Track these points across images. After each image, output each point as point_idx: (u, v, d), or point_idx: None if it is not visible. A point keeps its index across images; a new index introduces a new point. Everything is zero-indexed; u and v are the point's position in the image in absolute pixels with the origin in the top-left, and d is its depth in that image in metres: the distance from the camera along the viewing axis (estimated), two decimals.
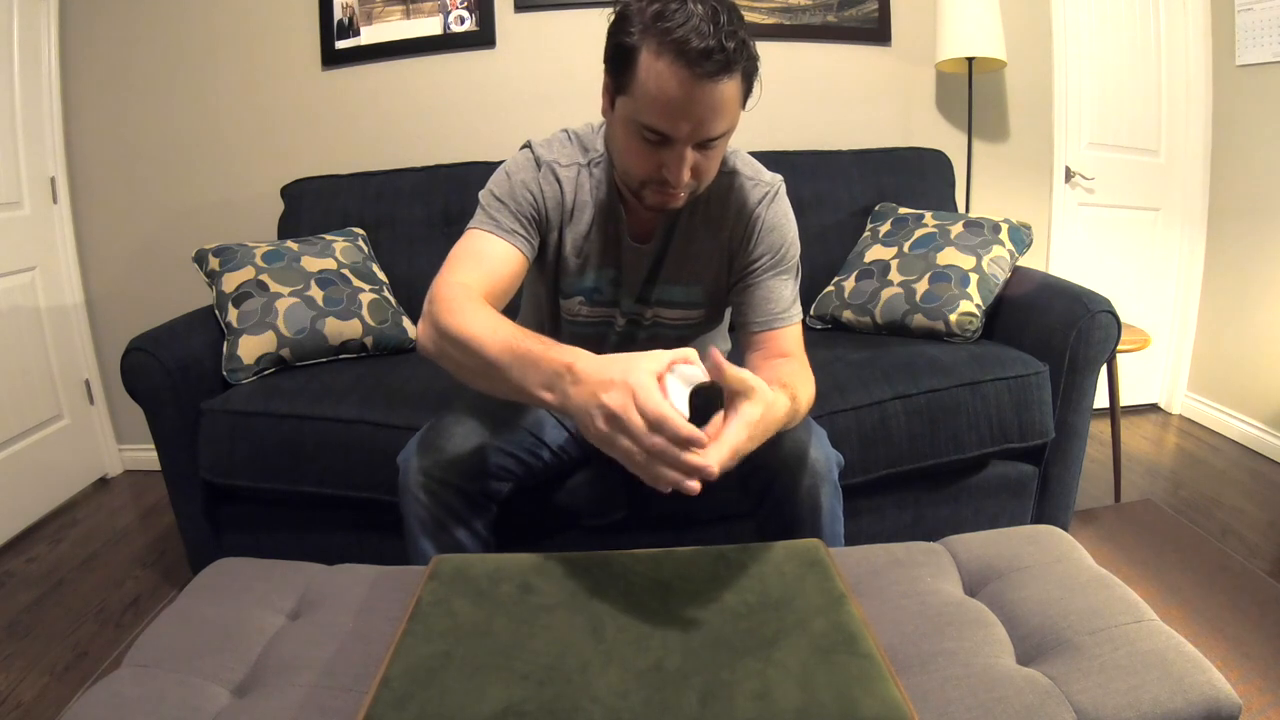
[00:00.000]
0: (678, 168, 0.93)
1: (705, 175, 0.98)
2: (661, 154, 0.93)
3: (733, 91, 0.89)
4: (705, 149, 0.94)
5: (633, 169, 0.97)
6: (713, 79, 0.86)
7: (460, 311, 0.89)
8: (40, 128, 2.16)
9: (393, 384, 1.54)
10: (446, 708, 0.66)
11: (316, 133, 2.28)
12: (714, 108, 0.88)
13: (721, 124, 0.91)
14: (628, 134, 0.94)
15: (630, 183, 1.00)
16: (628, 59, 0.89)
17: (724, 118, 0.91)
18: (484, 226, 1.04)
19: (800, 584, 0.83)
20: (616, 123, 0.96)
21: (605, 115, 1.01)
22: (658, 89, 0.87)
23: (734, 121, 0.94)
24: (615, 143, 0.99)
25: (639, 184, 0.98)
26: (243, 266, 1.70)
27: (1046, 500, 1.62)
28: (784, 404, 0.87)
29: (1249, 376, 2.37)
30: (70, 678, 1.43)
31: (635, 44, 0.87)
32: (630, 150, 0.95)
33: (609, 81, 0.95)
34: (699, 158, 0.94)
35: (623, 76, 0.91)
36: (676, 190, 0.96)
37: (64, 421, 2.25)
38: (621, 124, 0.95)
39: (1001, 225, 1.79)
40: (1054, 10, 2.34)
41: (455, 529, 1.07)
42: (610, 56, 0.92)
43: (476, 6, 2.21)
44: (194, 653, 0.81)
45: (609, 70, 0.94)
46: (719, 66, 0.85)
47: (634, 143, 0.94)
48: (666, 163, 0.93)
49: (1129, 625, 0.79)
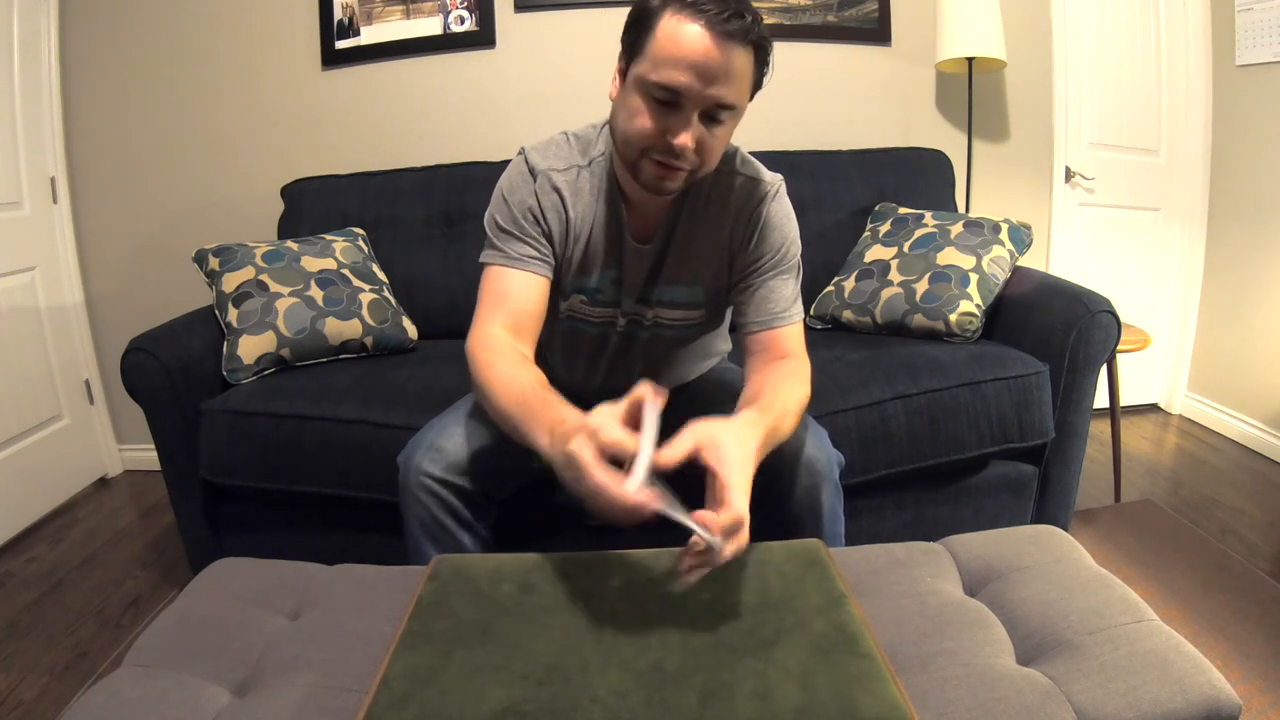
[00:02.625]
0: (682, 132, 0.92)
1: (707, 155, 0.97)
2: (668, 119, 0.92)
3: (745, 62, 0.91)
4: (711, 124, 0.94)
5: (636, 136, 0.95)
6: (730, 39, 0.88)
7: (487, 367, 0.97)
8: (40, 128, 2.16)
9: (393, 384, 1.54)
10: (446, 708, 0.66)
11: (316, 133, 2.28)
12: (727, 70, 0.89)
13: (731, 92, 0.91)
14: (637, 98, 0.94)
15: (631, 153, 0.98)
16: (647, 23, 0.91)
17: (734, 85, 0.91)
18: (497, 261, 1.07)
19: (800, 584, 0.83)
20: (625, 91, 0.97)
21: (613, 97, 1.00)
22: (673, 43, 0.89)
23: (743, 97, 0.94)
24: (621, 113, 0.98)
25: (639, 154, 0.97)
26: (243, 266, 1.70)
27: (1046, 500, 1.62)
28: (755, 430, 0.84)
29: (1249, 376, 2.37)
30: (70, 678, 1.43)
31: (656, 8, 0.90)
32: (637, 114, 0.94)
33: (622, 58, 0.97)
34: (704, 133, 0.94)
35: (639, 40, 0.92)
36: (678, 164, 0.95)
37: (64, 421, 2.25)
38: (631, 89, 0.95)
39: (1001, 225, 1.79)
40: (1054, 10, 2.34)
41: (455, 529, 1.07)
42: (628, 26, 0.95)
43: (476, 6, 2.21)
44: (194, 653, 0.81)
45: (624, 41, 0.96)
46: (737, 29, 0.88)
47: (642, 106, 0.93)
48: (672, 128, 0.93)
49: (1129, 625, 0.79)
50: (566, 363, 1.25)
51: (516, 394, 0.92)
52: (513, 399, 0.91)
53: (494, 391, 0.94)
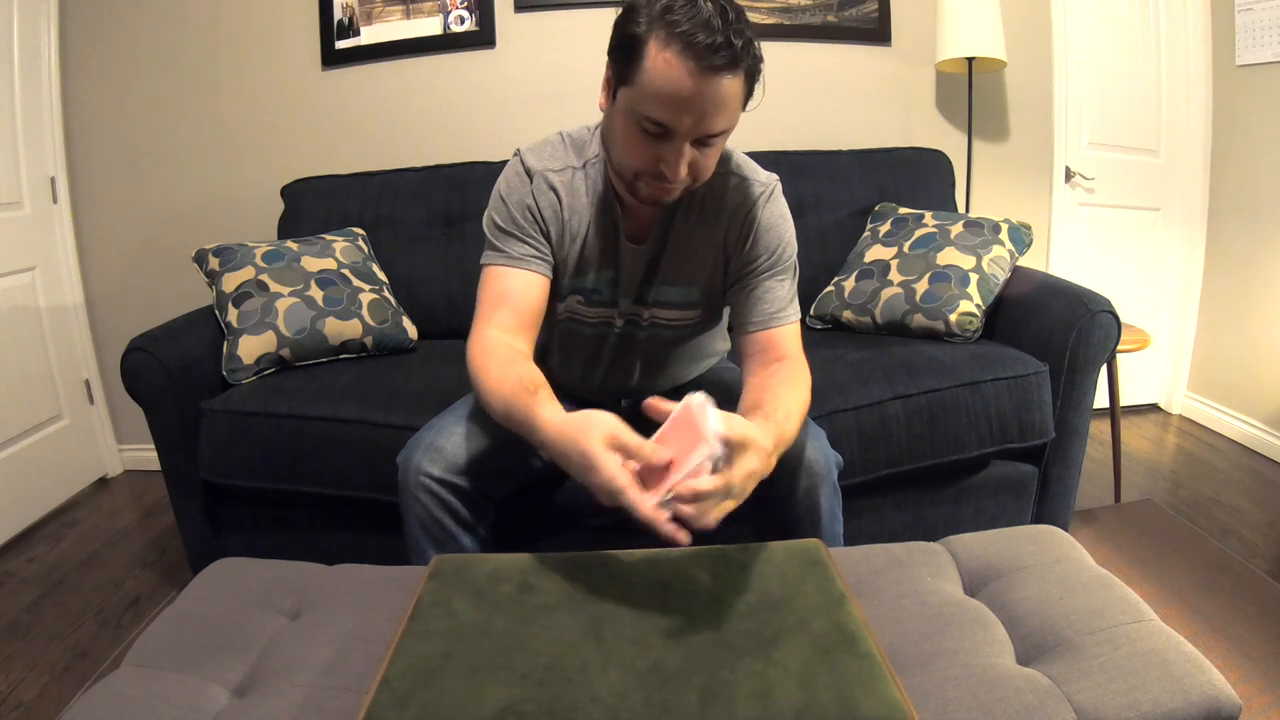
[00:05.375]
0: (675, 163, 0.93)
1: (701, 173, 0.98)
2: (660, 148, 0.93)
3: (736, 89, 0.89)
4: (703, 146, 0.94)
5: (629, 161, 0.97)
6: (717, 73, 0.86)
7: (483, 369, 0.98)
8: (40, 128, 2.16)
9: (392, 384, 1.54)
10: (446, 708, 0.66)
11: (316, 133, 2.28)
12: (717, 102, 0.88)
13: (722, 120, 0.91)
14: (627, 126, 0.94)
15: (625, 174, 0.99)
16: (633, 49, 0.89)
17: (725, 114, 0.91)
18: (497, 262, 1.07)
19: (800, 584, 0.83)
20: (616, 114, 0.96)
21: (603, 109, 1.00)
22: (662, 80, 0.87)
23: (734, 120, 0.94)
24: (613, 134, 0.99)
25: (633, 176, 0.98)
26: (243, 266, 1.70)
27: (1046, 500, 1.62)
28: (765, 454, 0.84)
29: (1249, 376, 2.37)
30: (70, 678, 1.43)
31: (642, 35, 0.88)
32: (629, 142, 0.95)
33: (611, 74, 0.96)
34: (697, 155, 0.94)
35: (627, 67, 0.91)
36: (672, 185, 0.96)
37: (64, 421, 2.25)
38: (621, 115, 0.94)
39: (1001, 225, 1.79)
40: (1054, 10, 2.34)
41: (455, 529, 1.07)
42: (615, 46, 0.93)
43: (476, 6, 2.21)
44: (194, 653, 0.81)
45: (612, 61, 0.94)
46: (725, 61, 0.85)
47: (633, 135, 0.93)
48: (664, 157, 0.93)
49: (1129, 625, 0.79)
50: (564, 363, 1.26)
51: (507, 391, 0.94)
52: (505, 396, 0.94)
53: (488, 393, 0.96)
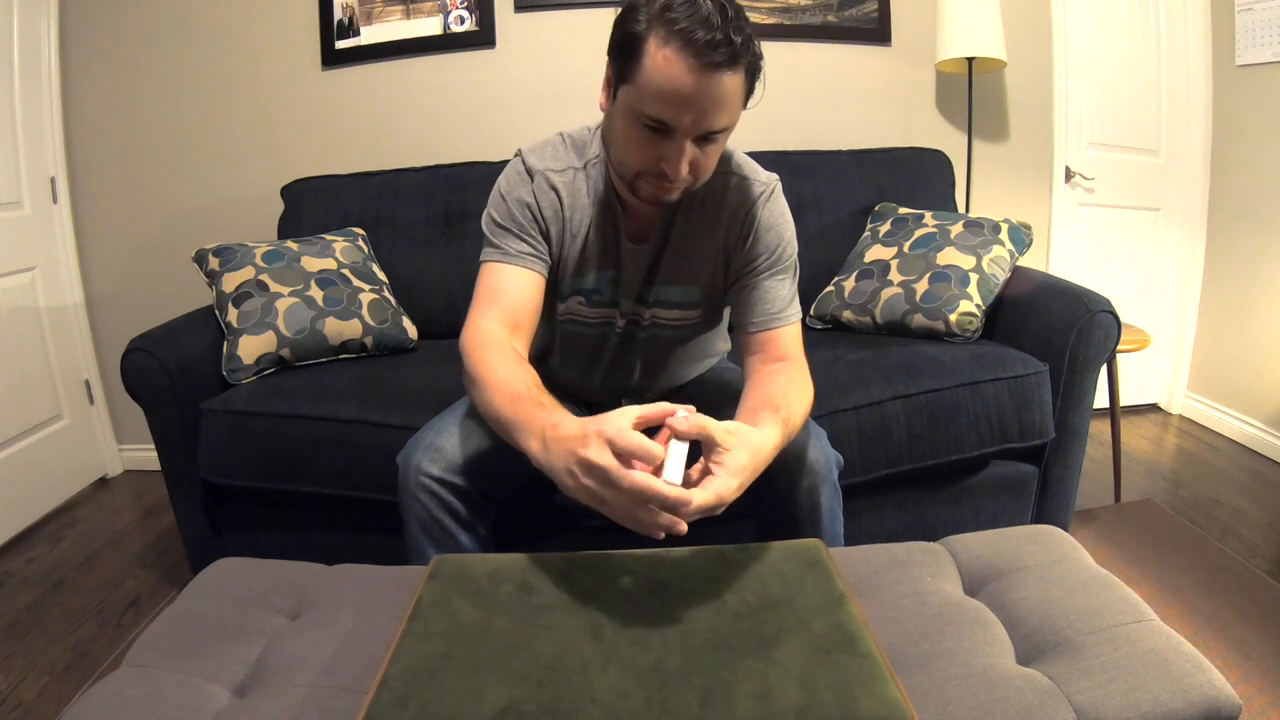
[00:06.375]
0: (676, 160, 0.92)
1: (702, 172, 0.98)
2: (661, 146, 0.92)
3: (736, 86, 0.89)
4: (704, 144, 0.94)
5: (630, 160, 0.96)
6: (718, 70, 0.86)
7: (481, 363, 0.96)
8: (40, 128, 2.16)
9: (392, 384, 1.54)
10: (446, 708, 0.66)
11: (316, 133, 2.28)
12: (717, 99, 0.88)
13: (723, 118, 0.91)
14: (628, 124, 0.94)
15: (626, 173, 0.99)
16: (633, 47, 0.89)
17: (726, 111, 0.91)
18: (494, 258, 1.07)
19: (800, 584, 0.83)
20: (617, 113, 0.96)
21: (603, 108, 1.00)
22: (663, 77, 0.87)
23: (735, 118, 0.93)
24: (614, 133, 0.99)
25: (634, 175, 0.97)
26: (243, 266, 1.70)
27: (1046, 500, 1.62)
28: (774, 438, 0.87)
29: (1249, 376, 2.37)
30: (70, 678, 1.43)
31: (642, 32, 0.88)
32: (629, 140, 0.95)
33: (611, 72, 0.95)
34: (697, 153, 0.94)
35: (627, 65, 0.91)
36: (673, 184, 0.96)
37: (64, 421, 2.25)
38: (622, 114, 0.94)
39: (1001, 225, 1.79)
40: (1054, 10, 2.34)
41: (455, 529, 1.07)
42: (615, 45, 0.93)
43: (476, 6, 2.21)
44: (194, 653, 0.81)
45: (612, 60, 0.94)
46: (725, 58, 0.85)
47: (634, 133, 0.93)
48: (665, 155, 0.93)
49: (1129, 625, 0.79)
50: (565, 364, 1.25)
51: (510, 393, 0.90)
52: (506, 398, 0.90)
53: (487, 388, 0.93)
